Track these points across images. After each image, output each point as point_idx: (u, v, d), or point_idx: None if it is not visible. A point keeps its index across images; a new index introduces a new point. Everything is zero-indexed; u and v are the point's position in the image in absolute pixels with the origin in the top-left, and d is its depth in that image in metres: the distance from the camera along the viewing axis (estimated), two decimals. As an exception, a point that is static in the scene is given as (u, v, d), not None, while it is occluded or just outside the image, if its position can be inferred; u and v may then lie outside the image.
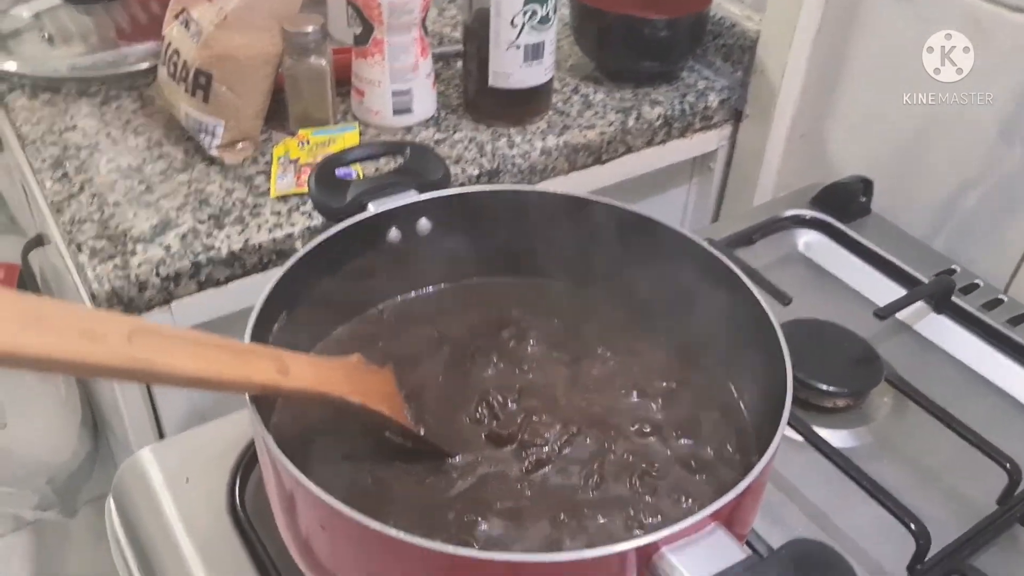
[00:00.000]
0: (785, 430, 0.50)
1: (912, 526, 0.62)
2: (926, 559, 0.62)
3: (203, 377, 0.45)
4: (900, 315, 0.83)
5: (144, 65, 1.03)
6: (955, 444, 0.70)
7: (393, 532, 0.43)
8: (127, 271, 0.78)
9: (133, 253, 0.80)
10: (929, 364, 0.81)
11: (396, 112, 0.96)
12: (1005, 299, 0.86)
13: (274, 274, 0.58)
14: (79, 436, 1.35)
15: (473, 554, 0.44)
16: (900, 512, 0.62)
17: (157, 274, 0.79)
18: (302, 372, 0.51)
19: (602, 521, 0.53)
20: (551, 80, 0.99)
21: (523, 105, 0.98)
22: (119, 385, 0.86)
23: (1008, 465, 0.67)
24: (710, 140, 1.09)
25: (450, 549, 0.43)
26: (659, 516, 0.54)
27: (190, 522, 0.64)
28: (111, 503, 0.67)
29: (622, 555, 0.44)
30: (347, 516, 0.44)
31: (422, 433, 0.57)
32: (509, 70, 0.95)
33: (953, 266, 0.90)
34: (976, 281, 0.88)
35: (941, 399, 0.73)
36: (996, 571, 0.62)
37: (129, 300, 0.78)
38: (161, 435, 0.88)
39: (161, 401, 0.86)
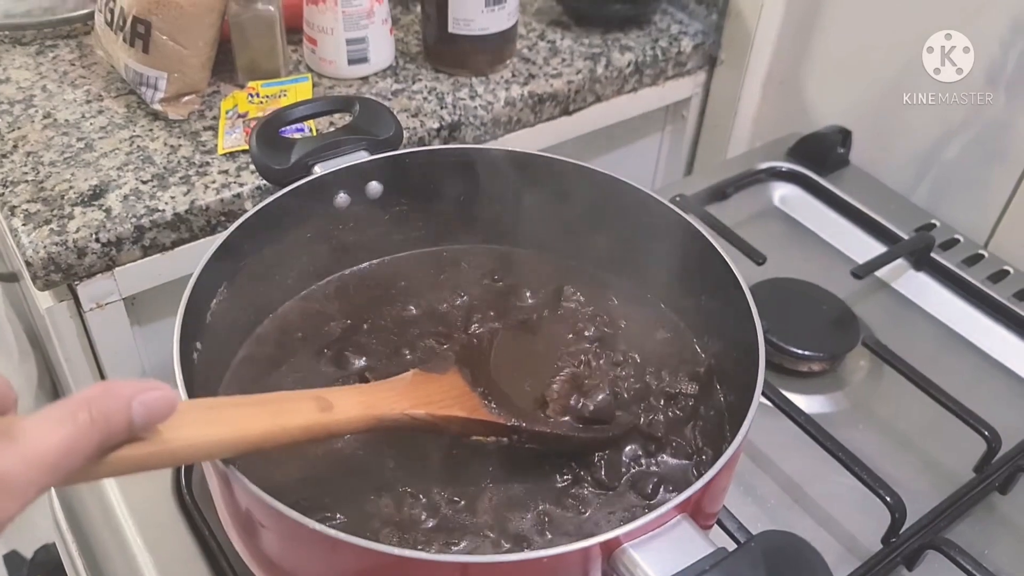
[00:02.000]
0: (760, 398, 0.48)
1: (888, 499, 0.59)
2: (901, 531, 0.60)
3: (228, 441, 0.41)
4: (879, 272, 0.81)
5: (83, 11, 0.96)
6: (932, 409, 0.68)
7: (333, 533, 0.40)
8: (64, 236, 0.73)
9: (71, 217, 0.75)
10: (907, 324, 0.79)
11: (351, 62, 0.91)
12: (986, 254, 0.84)
13: (213, 242, 0.53)
14: (35, 400, 1.31)
15: (422, 556, 0.41)
16: (875, 484, 0.60)
17: (97, 239, 0.74)
18: (347, 404, 0.46)
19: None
20: (515, 26, 0.93)
21: (485, 53, 0.93)
22: (65, 356, 0.82)
23: (987, 432, 0.64)
24: (683, 87, 1.05)
25: (397, 551, 0.40)
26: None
27: (134, 505, 0.61)
28: (51, 489, 0.64)
29: (583, 552, 0.41)
30: (289, 518, 0.41)
31: (513, 422, 0.51)
32: (470, 15, 0.89)
33: (933, 220, 0.87)
34: (956, 236, 0.85)
35: (919, 361, 0.71)
36: (973, 541, 0.61)
37: (68, 267, 0.74)
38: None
39: (110, 372, 0.82)
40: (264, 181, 0.79)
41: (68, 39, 0.97)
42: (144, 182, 0.79)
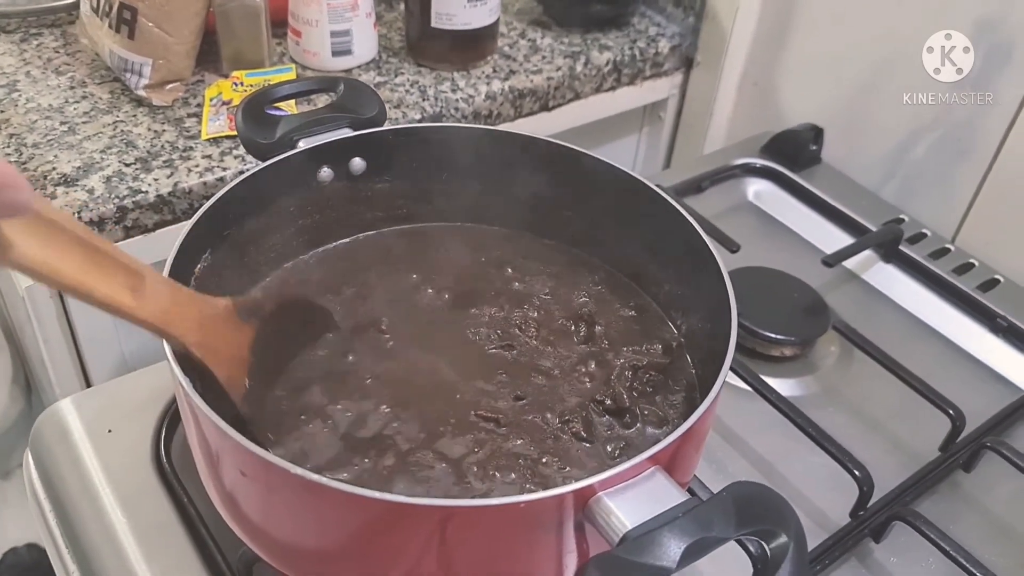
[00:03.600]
0: (732, 378, 0.49)
1: (856, 472, 0.61)
2: (868, 505, 0.62)
3: (39, 267, 0.39)
4: (848, 264, 0.83)
5: (66, 0, 0.97)
6: (900, 392, 0.70)
7: (315, 477, 0.41)
8: (47, 215, 0.74)
9: (53, 197, 0.75)
10: (876, 313, 0.81)
11: (335, 54, 0.92)
12: (952, 248, 0.86)
13: (198, 211, 0.54)
14: (10, 394, 1.30)
15: (402, 500, 0.42)
16: (844, 459, 0.62)
17: (79, 218, 0.74)
18: (155, 299, 0.45)
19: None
20: (496, 22, 0.95)
21: (467, 48, 0.94)
22: (43, 337, 0.82)
23: (952, 412, 0.66)
24: (661, 88, 1.07)
25: (376, 495, 0.41)
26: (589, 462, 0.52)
27: (112, 475, 0.61)
28: (28, 457, 0.64)
29: (558, 499, 0.42)
30: (270, 463, 0.41)
31: (243, 412, 0.51)
32: (453, 11, 0.91)
33: (901, 215, 0.89)
34: (924, 230, 0.88)
35: (887, 347, 0.72)
36: (938, 516, 0.62)
37: (49, 246, 0.74)
38: (88, 383, 0.85)
39: (88, 352, 0.83)
40: (247, 165, 0.80)
41: (52, 28, 0.97)
42: (127, 165, 0.80)
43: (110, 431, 0.63)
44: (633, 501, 0.42)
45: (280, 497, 0.45)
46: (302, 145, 0.61)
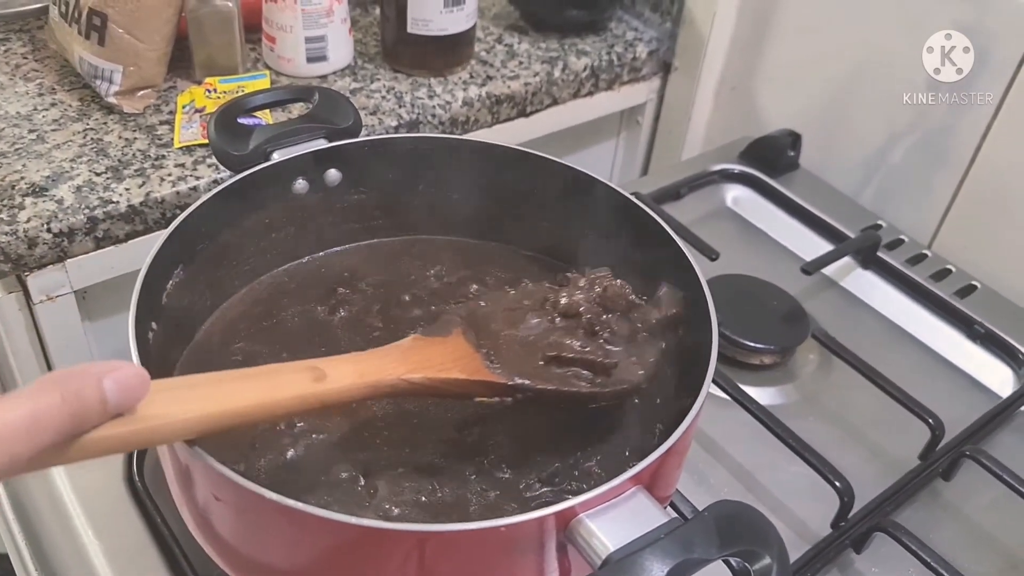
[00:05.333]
0: (711, 387, 0.49)
1: (837, 483, 0.61)
2: (849, 516, 0.61)
3: (212, 414, 0.39)
4: (827, 270, 0.83)
5: (35, 5, 0.95)
6: (879, 400, 0.70)
7: (290, 503, 0.40)
8: (15, 226, 0.72)
9: (21, 207, 0.74)
10: (855, 319, 0.81)
11: (310, 60, 0.91)
12: (929, 254, 0.86)
13: (169, 226, 0.53)
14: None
15: (380, 525, 0.41)
16: (825, 470, 0.62)
17: (48, 230, 0.73)
18: (341, 372, 0.44)
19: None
20: (474, 28, 0.94)
21: (444, 54, 0.94)
22: (12, 350, 0.80)
23: (931, 420, 0.66)
24: (638, 93, 1.07)
25: (354, 520, 0.40)
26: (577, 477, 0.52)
27: (83, 492, 0.60)
28: (-4, 475, 0.62)
29: (538, 521, 0.41)
30: (244, 487, 0.40)
31: (517, 381, 0.49)
32: (429, 16, 0.90)
33: (879, 221, 0.89)
34: (901, 236, 0.88)
35: (866, 355, 0.72)
36: (917, 525, 0.62)
37: (18, 258, 0.73)
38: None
39: (59, 366, 0.81)
40: (221, 174, 0.79)
41: (20, 33, 0.96)
42: (98, 174, 0.78)
43: (81, 449, 0.62)
44: (615, 522, 0.42)
45: (255, 520, 0.44)
46: (276, 156, 0.60)
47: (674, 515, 0.42)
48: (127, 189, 0.77)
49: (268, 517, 0.43)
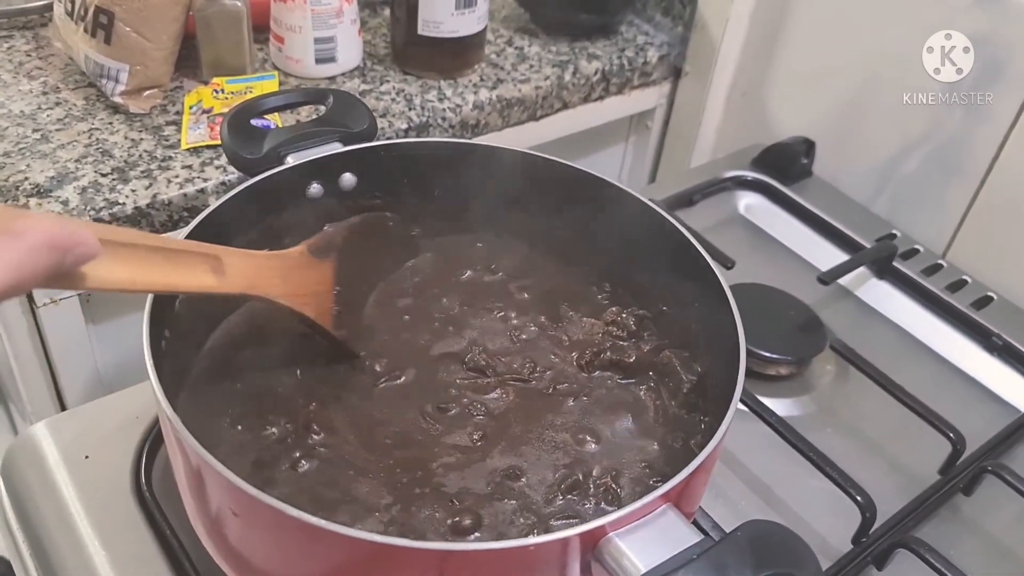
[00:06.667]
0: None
1: (858, 498, 0.60)
2: (871, 531, 0.60)
3: (129, 286, 0.42)
4: (841, 280, 0.82)
5: (38, 2, 0.94)
6: (897, 413, 0.69)
7: (315, 520, 0.39)
8: (19, 228, 0.71)
9: (26, 208, 0.72)
10: (870, 330, 0.80)
11: (319, 61, 0.90)
12: (944, 264, 0.85)
13: (181, 232, 0.52)
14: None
15: (406, 543, 0.40)
16: (846, 484, 0.61)
17: (53, 231, 0.71)
18: (237, 272, 0.50)
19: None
20: (484, 30, 0.93)
21: (454, 56, 0.92)
22: (15, 353, 0.79)
23: (952, 435, 0.65)
24: (649, 97, 1.06)
25: (377, 538, 0.39)
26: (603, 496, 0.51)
27: (90, 504, 0.58)
28: (0, 485, 0.61)
29: (565, 542, 0.40)
30: (266, 504, 0.39)
31: (340, 336, 0.57)
32: (440, 18, 0.89)
33: (893, 231, 0.89)
34: (916, 246, 0.87)
35: (882, 366, 0.71)
36: (938, 541, 0.61)
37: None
38: (64, 408, 0.81)
39: (62, 370, 0.80)
40: (229, 176, 0.78)
41: (24, 30, 0.94)
42: (104, 175, 0.77)
43: (87, 457, 0.60)
44: (645, 542, 0.41)
45: (274, 536, 0.43)
46: (291, 160, 0.59)
47: (704, 535, 0.41)
48: (133, 191, 0.75)
49: (287, 533, 0.41)
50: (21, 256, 0.34)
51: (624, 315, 0.60)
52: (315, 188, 0.60)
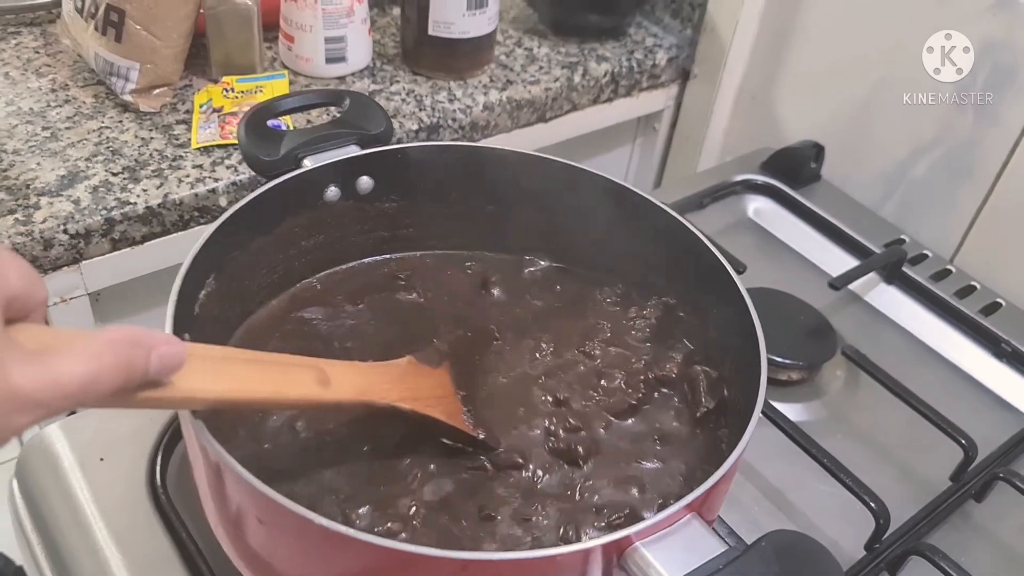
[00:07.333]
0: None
1: (872, 504, 0.60)
2: (884, 537, 0.61)
3: (229, 398, 0.41)
4: (850, 285, 0.82)
5: (47, -1, 0.94)
6: (908, 418, 0.69)
7: (342, 529, 0.39)
8: (30, 227, 0.71)
9: (37, 207, 0.72)
10: (879, 335, 0.80)
11: (329, 60, 0.90)
12: (953, 270, 0.85)
13: (202, 234, 0.52)
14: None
15: (428, 552, 0.40)
16: (860, 490, 0.61)
17: (65, 231, 0.71)
18: (344, 381, 0.47)
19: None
20: (495, 31, 0.93)
21: (465, 56, 0.92)
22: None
23: (964, 441, 0.65)
24: (657, 99, 1.06)
25: (409, 548, 0.39)
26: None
27: (105, 505, 0.58)
28: (14, 485, 0.61)
29: (589, 552, 0.40)
30: (292, 512, 0.39)
31: (481, 436, 0.53)
32: (451, 19, 0.89)
33: (902, 236, 0.89)
34: (925, 252, 0.87)
35: (892, 371, 0.71)
36: (949, 548, 0.61)
37: (33, 259, 0.71)
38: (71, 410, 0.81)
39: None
40: (240, 176, 0.78)
41: (32, 27, 0.94)
42: (114, 174, 0.76)
43: (102, 459, 0.60)
44: (671, 551, 0.41)
45: (298, 542, 0.43)
46: (308, 163, 0.58)
47: (729, 544, 0.41)
48: (144, 190, 0.75)
49: (311, 540, 0.41)
50: (101, 347, 0.33)
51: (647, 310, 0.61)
52: (332, 191, 0.60)
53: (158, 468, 0.59)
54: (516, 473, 0.52)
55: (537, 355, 0.59)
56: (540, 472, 0.52)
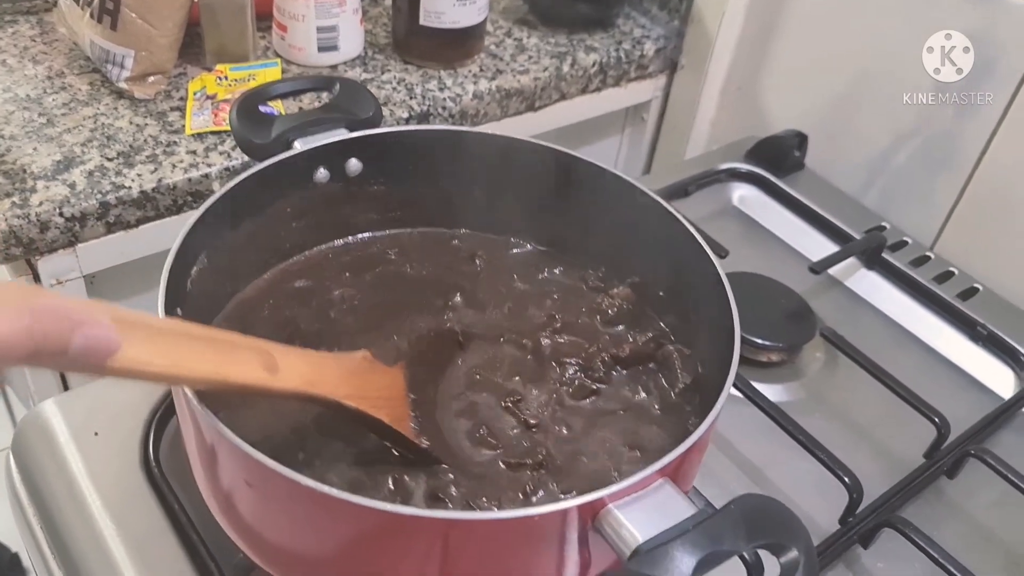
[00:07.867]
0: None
1: (846, 479, 0.62)
2: (857, 511, 0.62)
3: (171, 374, 0.40)
4: (832, 271, 0.83)
5: (44, -12, 0.95)
6: (884, 399, 0.71)
7: (327, 490, 0.40)
8: (27, 210, 0.72)
9: (33, 191, 0.74)
10: (858, 319, 0.82)
11: (321, 49, 0.91)
12: (932, 256, 0.87)
13: (193, 213, 0.53)
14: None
15: (412, 512, 0.41)
16: (834, 465, 0.62)
17: (60, 214, 0.73)
18: (292, 370, 0.46)
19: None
20: (485, 21, 0.95)
21: (455, 46, 0.94)
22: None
23: (937, 420, 0.67)
24: (645, 90, 1.07)
25: (386, 507, 0.40)
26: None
27: (99, 479, 0.59)
28: (11, 460, 0.62)
29: (565, 512, 0.42)
30: (280, 474, 0.41)
31: (425, 445, 0.51)
32: (441, 8, 0.90)
33: (883, 223, 0.90)
34: (905, 238, 0.89)
35: (870, 354, 0.73)
36: (922, 522, 0.63)
37: (29, 241, 0.72)
38: (66, 386, 0.83)
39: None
40: (233, 162, 0.79)
41: (28, 15, 0.95)
42: (109, 159, 0.78)
43: (96, 434, 0.62)
44: (643, 513, 0.42)
45: (284, 506, 0.45)
46: (298, 146, 0.60)
47: (700, 507, 0.43)
48: (139, 175, 0.77)
49: (299, 503, 0.43)
50: (20, 310, 0.32)
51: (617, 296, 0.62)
52: (322, 173, 0.61)
53: (151, 442, 0.61)
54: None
55: (502, 339, 0.60)
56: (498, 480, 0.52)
